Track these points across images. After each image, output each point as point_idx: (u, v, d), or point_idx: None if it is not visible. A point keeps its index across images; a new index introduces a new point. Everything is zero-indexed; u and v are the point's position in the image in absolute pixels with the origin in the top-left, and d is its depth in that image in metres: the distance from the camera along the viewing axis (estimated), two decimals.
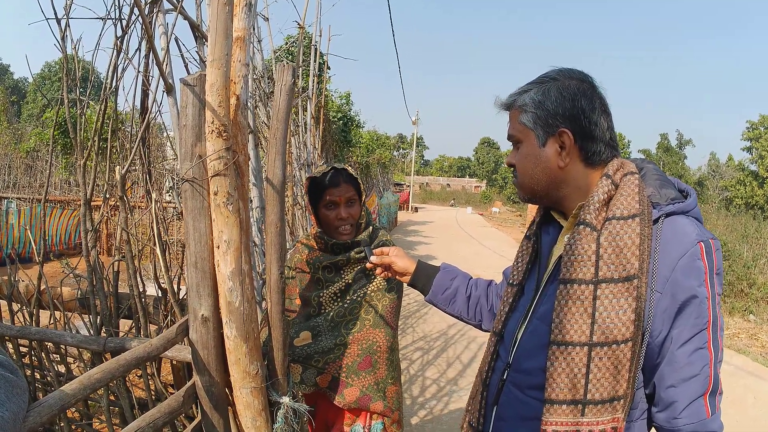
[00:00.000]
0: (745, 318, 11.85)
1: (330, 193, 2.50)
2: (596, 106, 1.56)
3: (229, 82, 1.77)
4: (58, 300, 3.00)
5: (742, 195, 51.62)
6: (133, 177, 4.43)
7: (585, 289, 1.45)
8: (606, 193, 1.51)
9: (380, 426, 2.46)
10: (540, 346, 1.56)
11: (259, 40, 3.89)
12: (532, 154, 1.62)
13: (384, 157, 27.14)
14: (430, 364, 7.00)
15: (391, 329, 2.53)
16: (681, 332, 1.40)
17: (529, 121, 1.61)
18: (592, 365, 1.42)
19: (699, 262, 1.39)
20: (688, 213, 1.50)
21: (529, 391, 1.60)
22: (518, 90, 1.68)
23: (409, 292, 10.94)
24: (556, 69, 1.64)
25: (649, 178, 1.59)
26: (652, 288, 1.42)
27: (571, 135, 1.55)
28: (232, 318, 1.83)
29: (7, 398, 1.27)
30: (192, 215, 1.80)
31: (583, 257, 1.46)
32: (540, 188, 1.65)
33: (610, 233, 1.45)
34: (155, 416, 1.79)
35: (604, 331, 1.41)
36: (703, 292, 1.38)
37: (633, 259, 1.41)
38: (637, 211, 1.45)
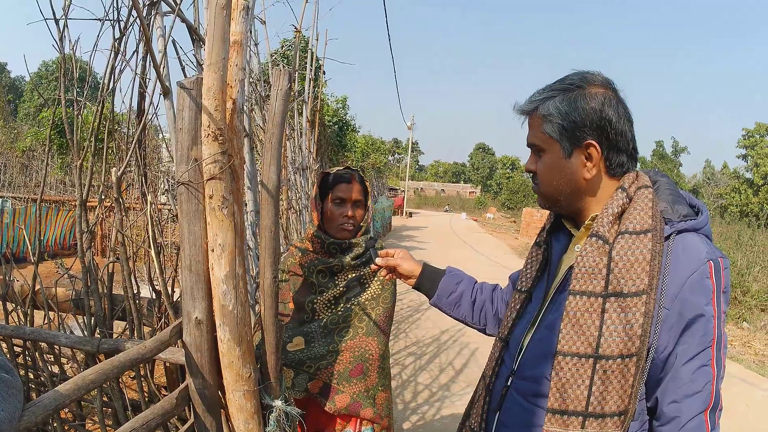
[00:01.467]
0: (739, 325, 11.90)
1: (340, 188, 2.54)
2: (622, 114, 1.55)
3: (226, 86, 1.77)
4: (53, 300, 3.00)
5: (736, 203, 51.81)
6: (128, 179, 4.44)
7: (594, 302, 1.46)
8: (620, 206, 1.51)
9: (370, 430, 2.47)
10: (546, 354, 1.57)
11: (256, 44, 3.91)
12: (557, 165, 1.60)
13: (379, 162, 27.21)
14: (422, 370, 7.02)
15: (383, 337, 2.55)
16: (686, 349, 1.41)
17: (554, 132, 1.58)
18: (596, 377, 1.43)
19: (708, 280, 1.40)
20: (699, 230, 1.50)
21: (533, 398, 1.60)
22: (540, 95, 1.64)
23: (402, 298, 10.98)
24: (579, 74, 1.61)
25: (662, 192, 1.59)
26: (660, 304, 1.42)
27: (599, 147, 1.54)
28: (226, 321, 1.83)
29: (3, 398, 1.27)
30: (187, 218, 1.81)
31: (594, 270, 1.47)
32: (563, 198, 1.64)
33: (622, 247, 1.45)
34: (148, 417, 1.80)
35: (611, 344, 1.42)
36: (710, 311, 1.39)
37: (643, 274, 1.41)
38: (650, 227, 1.45)
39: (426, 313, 9.97)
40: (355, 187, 2.55)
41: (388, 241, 22.97)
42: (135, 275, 2.79)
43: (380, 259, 2.21)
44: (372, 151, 27.34)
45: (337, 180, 2.55)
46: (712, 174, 61.61)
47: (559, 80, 1.62)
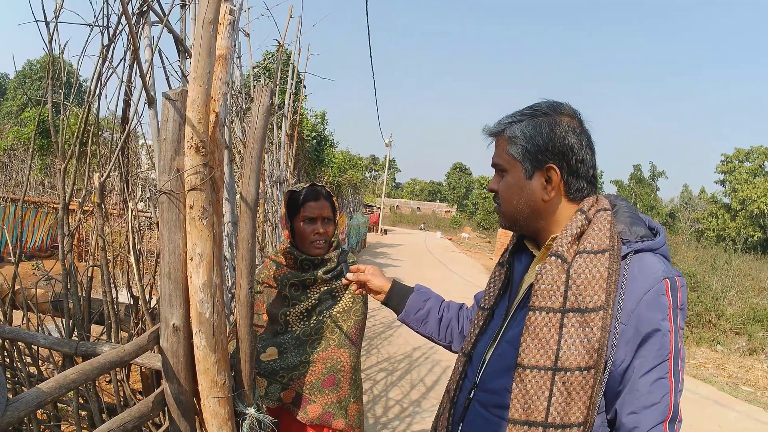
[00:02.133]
0: (713, 348, 12.03)
1: (308, 207, 2.58)
2: (584, 143, 1.62)
3: (210, 99, 1.82)
4: (32, 301, 3.01)
5: (713, 227, 52.29)
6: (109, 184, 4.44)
7: (553, 317, 1.51)
8: (579, 227, 1.57)
9: None
10: (507, 367, 1.61)
11: (239, 56, 3.94)
12: (517, 186, 1.67)
13: (356, 178, 27.17)
14: (393, 386, 7.04)
15: (355, 349, 2.59)
16: (643, 362, 1.45)
17: (517, 153, 1.65)
18: (555, 389, 1.47)
19: (663, 297, 1.45)
20: (656, 251, 1.56)
21: (494, 409, 1.65)
22: (508, 119, 1.71)
23: (375, 314, 10.99)
24: (546, 102, 1.68)
25: (621, 215, 1.64)
26: (617, 319, 1.47)
27: (558, 171, 1.61)
28: (202, 329, 1.87)
29: None
30: (168, 227, 1.85)
31: (553, 287, 1.53)
32: (522, 218, 1.70)
33: (579, 266, 1.51)
34: (125, 419, 1.83)
35: (569, 357, 1.47)
36: (666, 326, 1.44)
37: (600, 291, 1.47)
38: (607, 247, 1.51)
39: (398, 330, 9.97)
40: (323, 204, 2.62)
41: (363, 257, 22.92)
42: (114, 280, 2.80)
43: (351, 274, 2.25)
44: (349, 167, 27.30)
45: (306, 199, 2.60)
46: (689, 198, 62.16)
47: (528, 107, 1.70)
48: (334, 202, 2.69)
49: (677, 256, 20.13)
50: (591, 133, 1.67)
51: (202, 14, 1.77)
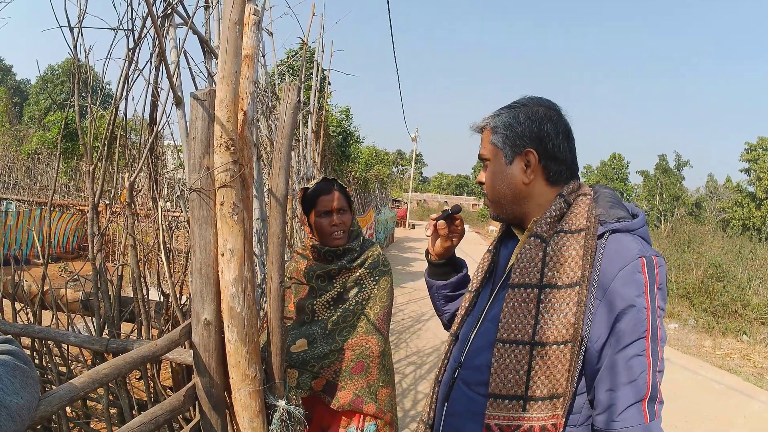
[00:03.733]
0: (739, 338, 11.92)
1: (322, 201, 2.63)
2: (560, 130, 1.71)
3: (238, 98, 1.85)
4: (62, 301, 3.06)
5: (739, 216, 51.62)
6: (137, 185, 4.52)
7: (530, 293, 1.57)
8: (558, 210, 1.65)
9: (373, 427, 2.52)
10: (488, 344, 1.66)
11: (263, 55, 3.97)
12: (500, 171, 1.76)
13: (382, 173, 27.11)
14: (422, 379, 7.03)
15: (382, 335, 2.62)
16: (619, 339, 1.47)
17: (498, 141, 1.75)
18: (534, 363, 1.52)
19: (639, 275, 1.48)
20: (634, 231, 1.59)
21: (476, 387, 1.69)
22: (491, 114, 1.82)
23: (403, 308, 11.04)
24: (527, 97, 1.79)
25: (602, 199, 1.70)
26: (593, 295, 1.52)
27: (536, 154, 1.69)
28: (234, 323, 1.91)
29: (22, 387, 1.36)
30: (198, 224, 1.89)
31: (530, 264, 1.59)
32: (506, 203, 1.77)
33: (556, 244, 1.58)
34: (157, 413, 1.87)
35: (546, 331, 1.52)
36: (642, 303, 1.46)
37: (576, 268, 1.53)
38: (584, 226, 1.58)
39: (427, 323, 10.01)
40: (336, 196, 2.65)
41: (391, 251, 22.90)
42: (145, 279, 2.85)
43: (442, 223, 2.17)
44: (376, 162, 27.23)
45: (317, 194, 2.65)
46: (714, 188, 61.43)
47: (510, 102, 1.81)
48: (347, 193, 2.73)
49: (704, 246, 19.97)
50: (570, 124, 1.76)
51: (227, 15, 1.81)
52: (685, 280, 16.10)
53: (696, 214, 56.66)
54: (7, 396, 1.30)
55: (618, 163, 77.30)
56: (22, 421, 1.31)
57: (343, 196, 2.68)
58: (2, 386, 1.31)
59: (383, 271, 2.74)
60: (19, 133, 30.79)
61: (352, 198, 2.74)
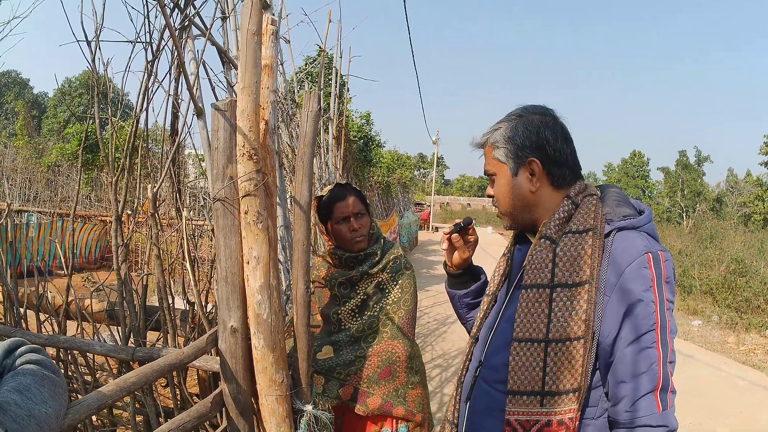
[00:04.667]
0: (762, 334, 11.79)
1: (339, 208, 2.64)
2: (558, 135, 1.76)
3: (259, 107, 1.88)
4: (87, 311, 3.10)
5: (760, 210, 51.00)
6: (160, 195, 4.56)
7: (542, 292, 1.64)
8: (566, 212, 1.71)
9: (404, 429, 2.55)
10: (505, 343, 1.72)
11: (281, 63, 4.00)
12: (507, 184, 1.82)
13: (404, 177, 27.08)
14: (448, 381, 7.02)
15: (408, 339, 2.63)
16: (628, 332, 1.52)
17: (501, 156, 1.81)
18: (549, 359, 1.59)
19: (646, 270, 1.53)
20: (640, 228, 1.65)
21: (496, 384, 1.75)
22: (490, 129, 1.88)
23: (428, 311, 11.05)
24: (521, 107, 1.85)
25: (609, 198, 1.76)
26: (602, 292, 1.58)
27: (539, 162, 1.75)
28: (260, 329, 1.93)
29: (50, 396, 1.39)
30: (223, 232, 1.91)
31: (541, 265, 1.66)
32: (517, 213, 1.83)
33: (565, 244, 1.64)
34: (184, 420, 1.90)
35: (559, 329, 1.58)
36: (650, 296, 1.51)
37: (585, 267, 1.59)
38: (591, 226, 1.63)
39: (452, 326, 10.00)
40: (352, 201, 2.65)
41: (416, 255, 22.85)
42: (170, 287, 2.88)
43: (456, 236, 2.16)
44: (398, 166, 27.21)
45: (333, 201, 2.65)
46: (735, 182, 60.86)
47: (505, 115, 1.87)
48: (362, 196, 2.73)
49: (726, 242, 19.81)
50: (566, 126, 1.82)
51: (245, 26, 1.83)
52: (708, 276, 15.98)
53: (717, 210, 56.18)
54: (36, 405, 1.33)
55: (638, 160, 76.92)
56: (50, 428, 1.34)
57: (358, 199, 2.69)
58: (31, 396, 1.34)
59: (405, 274, 2.74)
60: (39, 146, 31.11)
61: (369, 201, 2.75)
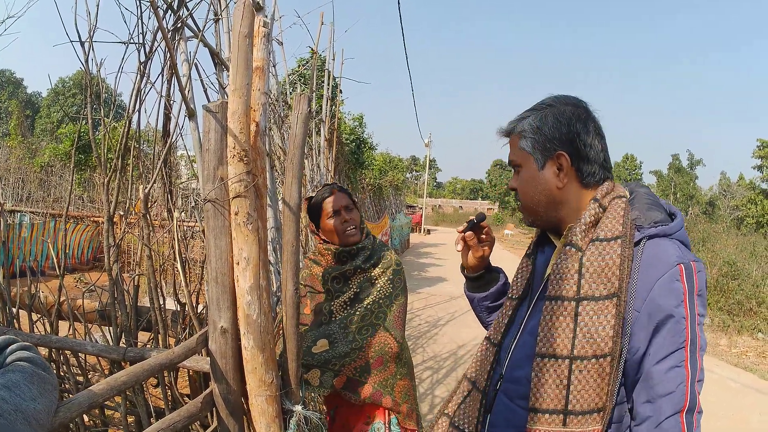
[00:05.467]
0: (754, 336, 11.85)
1: (328, 203, 2.70)
2: (590, 129, 1.65)
3: (250, 109, 1.89)
4: (79, 311, 3.10)
5: (753, 214, 51.13)
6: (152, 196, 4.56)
7: (568, 306, 1.53)
8: (593, 216, 1.59)
9: (395, 421, 2.59)
10: (527, 357, 1.63)
11: (274, 65, 4.00)
12: (532, 177, 1.70)
13: (397, 179, 27.07)
14: (439, 383, 7.05)
15: (399, 332, 2.68)
16: (657, 350, 1.44)
17: (528, 146, 1.69)
18: (573, 377, 1.49)
19: (677, 283, 1.43)
20: (672, 236, 1.54)
21: (517, 400, 1.66)
22: (517, 117, 1.76)
23: (420, 314, 11.07)
24: (552, 96, 1.73)
25: (638, 201, 1.65)
26: (631, 306, 1.48)
27: (568, 157, 1.64)
28: (250, 330, 1.95)
29: (40, 393, 1.40)
30: (214, 233, 1.93)
31: (567, 276, 1.55)
32: (541, 209, 1.72)
33: (592, 254, 1.53)
34: (174, 419, 1.91)
35: (585, 345, 1.48)
36: (681, 312, 1.42)
37: (613, 278, 1.48)
38: (620, 233, 1.52)
39: (443, 328, 10.04)
40: (340, 196, 2.72)
41: (407, 257, 22.89)
42: (161, 288, 2.88)
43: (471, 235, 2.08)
44: (390, 168, 27.17)
45: (322, 198, 2.72)
46: (728, 186, 61.10)
47: (535, 104, 1.75)
48: (349, 192, 2.80)
49: (718, 245, 19.86)
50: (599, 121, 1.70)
51: (237, 29, 1.84)
52: None
53: (710, 213, 56.28)
54: (24, 402, 1.34)
55: (631, 163, 77.09)
56: (39, 425, 1.36)
57: (345, 195, 2.75)
58: (20, 392, 1.35)
59: (397, 270, 2.81)
60: (32, 146, 31.02)
61: (360, 203, 2.78)
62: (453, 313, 11.45)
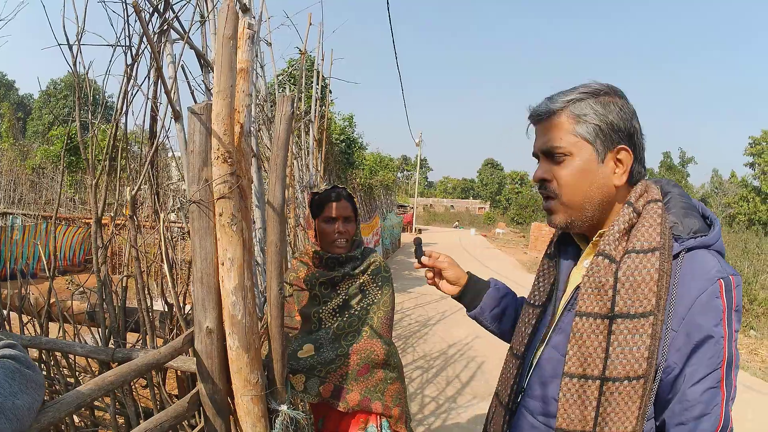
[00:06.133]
0: (746, 334, 11.89)
1: (328, 208, 2.70)
2: (639, 126, 1.53)
3: (234, 111, 1.90)
4: (68, 313, 3.11)
5: (745, 211, 51.33)
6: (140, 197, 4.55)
7: (600, 323, 1.43)
8: (627, 222, 1.48)
9: (386, 424, 2.60)
10: (553, 375, 1.57)
11: (262, 66, 4.01)
12: (588, 170, 1.52)
13: (387, 179, 27.09)
14: (429, 383, 7.07)
15: (387, 338, 2.69)
16: (694, 371, 1.37)
17: (589, 133, 1.50)
18: (603, 399, 1.42)
19: (717, 300, 1.36)
20: (711, 247, 1.46)
21: (542, 417, 1.60)
22: (567, 95, 1.54)
23: (410, 313, 11.09)
24: (600, 83, 1.55)
25: (674, 205, 1.55)
26: (668, 326, 1.40)
27: (631, 153, 1.51)
28: (235, 330, 1.96)
29: (21, 390, 1.40)
30: (198, 234, 1.94)
31: (600, 291, 1.44)
32: (590, 208, 1.55)
33: (628, 267, 1.42)
34: (162, 419, 1.92)
35: (617, 366, 1.40)
36: (720, 332, 1.36)
37: (650, 295, 1.38)
38: (658, 245, 1.41)
39: (433, 328, 10.08)
40: (342, 205, 2.72)
41: (398, 257, 22.95)
42: (148, 289, 2.89)
43: (426, 258, 2.04)
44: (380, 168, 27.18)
45: (325, 200, 2.73)
46: (720, 183, 61.23)
47: (582, 86, 1.55)
48: (355, 203, 2.80)
49: None
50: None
51: (221, 31, 1.85)
52: None
53: None
54: (1, 398, 1.34)
55: None
56: (19, 421, 1.35)
57: (350, 205, 2.75)
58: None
59: (385, 278, 2.81)
60: (24, 148, 30.90)
61: (357, 205, 2.80)
62: (443, 313, 11.49)
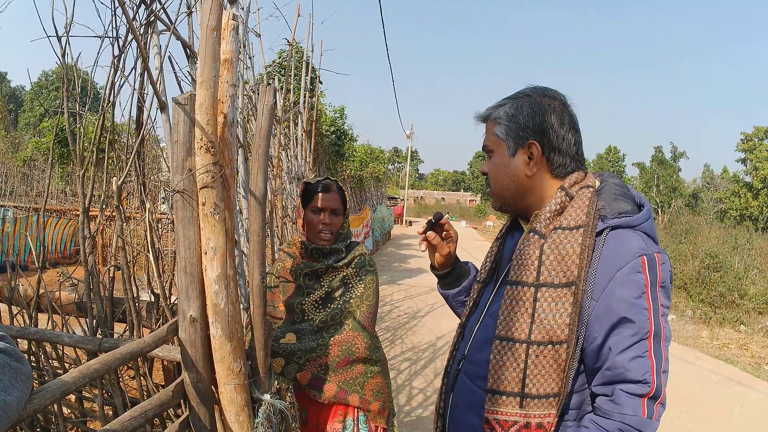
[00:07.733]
0: (736, 329, 11.98)
1: (317, 198, 2.71)
2: (565, 121, 1.69)
3: (217, 101, 1.91)
4: (57, 303, 3.12)
5: (736, 207, 51.60)
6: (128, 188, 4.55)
7: (527, 291, 1.56)
8: (559, 204, 1.63)
9: (363, 418, 2.60)
10: (488, 340, 1.67)
11: (251, 57, 4.02)
12: (503, 163, 1.75)
13: (378, 171, 27.07)
14: (417, 374, 7.10)
15: (368, 333, 2.69)
16: (618, 341, 1.46)
17: (501, 133, 1.74)
18: (530, 362, 1.53)
19: (639, 275, 1.46)
20: (636, 227, 1.56)
21: (477, 381, 1.71)
22: (495, 104, 1.80)
23: (399, 305, 11.13)
24: (531, 87, 1.77)
25: (607, 192, 1.66)
26: (589, 296, 1.51)
27: (539, 147, 1.68)
28: (218, 319, 1.97)
29: (11, 384, 1.40)
30: (182, 224, 1.95)
31: (527, 262, 1.59)
32: (509, 195, 1.76)
33: (553, 241, 1.56)
34: (146, 408, 1.93)
35: (541, 331, 1.52)
36: (642, 303, 1.44)
37: (573, 267, 1.51)
38: (583, 223, 1.55)
39: (422, 320, 10.12)
40: (331, 196, 2.73)
41: (388, 249, 22.98)
42: (135, 280, 2.90)
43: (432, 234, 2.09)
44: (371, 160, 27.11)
45: (316, 190, 2.73)
46: (711, 178, 61.52)
47: (514, 93, 1.80)
48: (345, 197, 2.81)
49: (700, 237, 20.02)
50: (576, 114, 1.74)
51: (205, 22, 1.86)
52: (682, 271, 16.16)
53: (693, 205, 56.81)
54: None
55: (614, 155, 77.36)
56: (8, 417, 1.36)
57: (339, 197, 2.77)
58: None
59: (369, 271, 2.82)
60: (15, 140, 30.78)
61: (347, 199, 2.81)
62: (432, 305, 11.55)
